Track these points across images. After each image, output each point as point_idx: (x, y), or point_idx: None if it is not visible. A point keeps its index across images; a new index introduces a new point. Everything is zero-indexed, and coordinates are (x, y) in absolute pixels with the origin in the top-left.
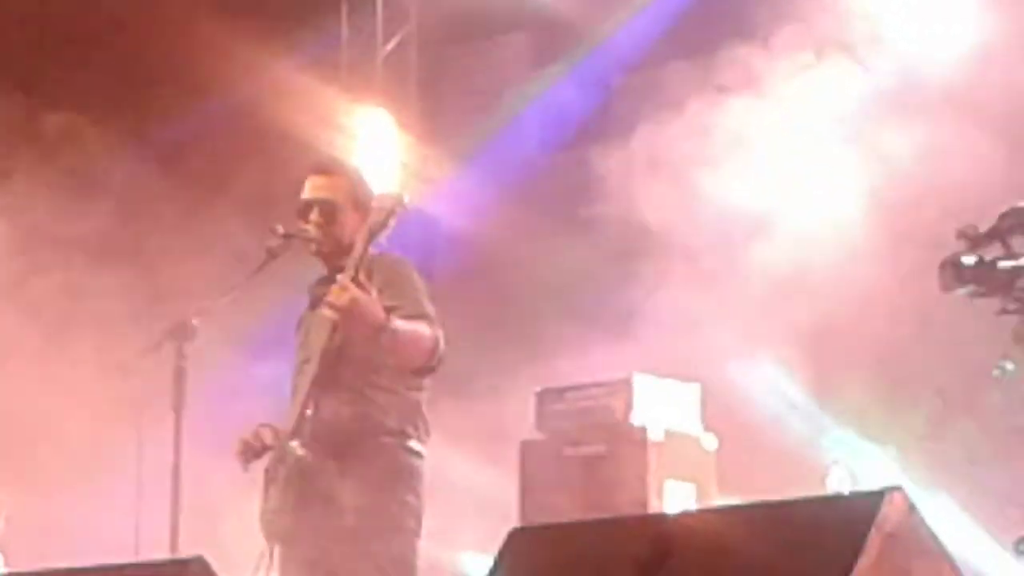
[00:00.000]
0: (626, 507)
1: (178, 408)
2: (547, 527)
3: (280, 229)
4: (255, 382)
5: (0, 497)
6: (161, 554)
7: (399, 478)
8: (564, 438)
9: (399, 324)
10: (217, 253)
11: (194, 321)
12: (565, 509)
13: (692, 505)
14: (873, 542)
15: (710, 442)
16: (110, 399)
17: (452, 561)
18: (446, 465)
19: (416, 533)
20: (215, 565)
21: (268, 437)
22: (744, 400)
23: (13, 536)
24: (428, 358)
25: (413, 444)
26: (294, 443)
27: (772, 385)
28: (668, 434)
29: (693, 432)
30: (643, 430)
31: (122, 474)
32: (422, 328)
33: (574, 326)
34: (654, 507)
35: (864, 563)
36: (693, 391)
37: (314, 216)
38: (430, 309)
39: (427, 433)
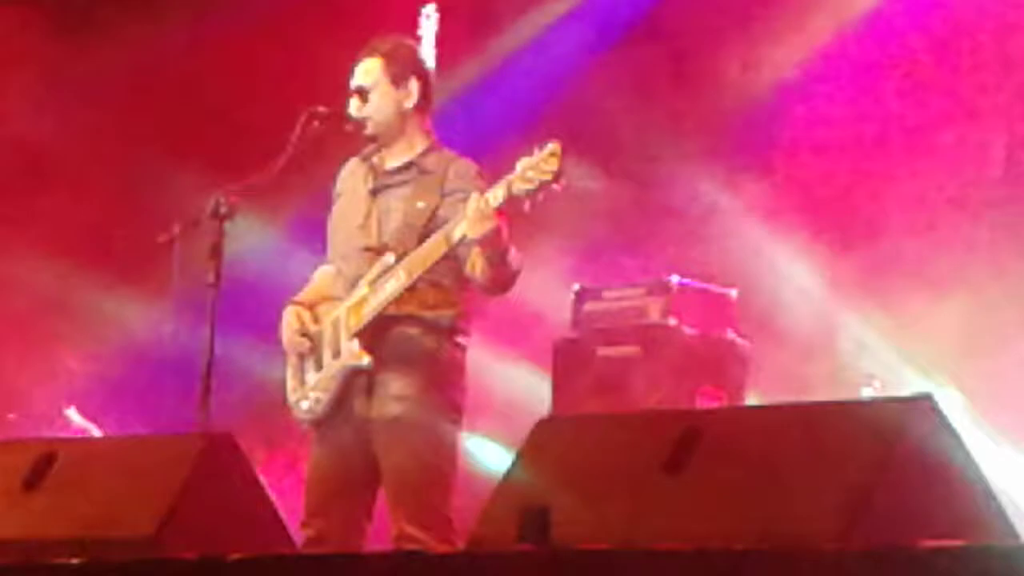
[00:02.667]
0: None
1: (215, 284)
2: (574, 418)
3: (322, 110)
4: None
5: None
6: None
7: (446, 372)
8: (599, 338)
9: (510, 254)
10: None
11: (234, 199)
12: (596, 409)
13: None
14: (900, 449)
15: (745, 348)
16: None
17: (483, 454)
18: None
19: (458, 426)
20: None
21: (311, 323)
22: (782, 307)
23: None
24: (510, 286)
25: (460, 339)
26: (355, 343)
27: (811, 294)
28: (703, 338)
29: (728, 337)
30: (678, 333)
31: (155, 350)
32: (517, 259)
33: (614, 226)
34: None
35: (890, 468)
36: (730, 296)
37: (353, 102)
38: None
39: (469, 329)
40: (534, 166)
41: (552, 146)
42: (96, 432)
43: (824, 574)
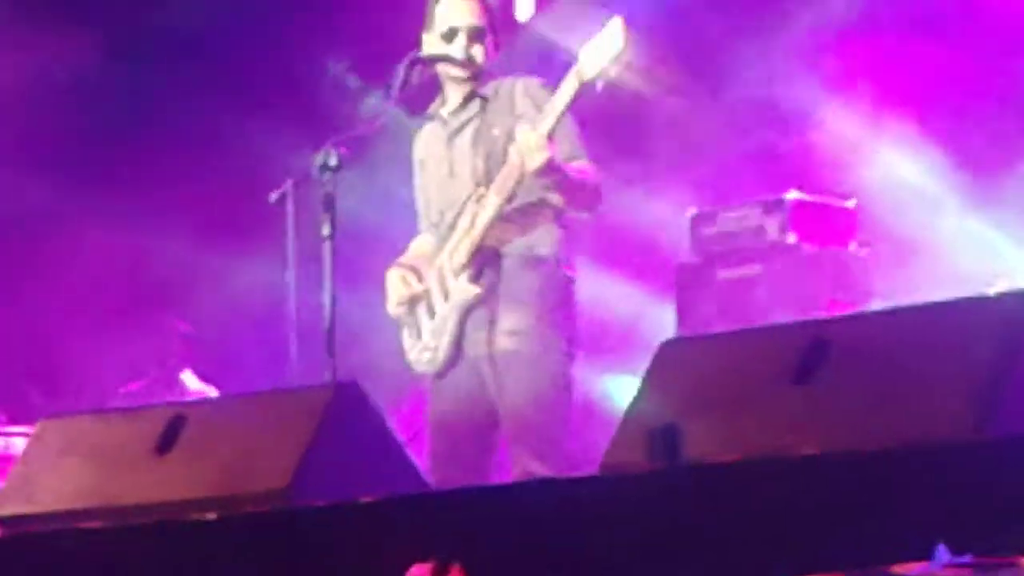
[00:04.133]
0: None
1: (331, 236)
2: (699, 337)
3: (422, 53)
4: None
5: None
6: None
7: (556, 305)
8: (719, 260)
9: (574, 173)
10: None
11: (340, 151)
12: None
13: None
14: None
15: (867, 259)
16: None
17: (607, 384)
18: (604, 291)
19: (571, 357)
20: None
21: (414, 284)
22: (905, 216)
23: None
24: (594, 202)
25: (565, 269)
26: (463, 279)
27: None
28: (824, 252)
29: (850, 249)
30: (799, 249)
31: (274, 305)
32: (590, 173)
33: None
34: None
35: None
36: (848, 207)
37: (460, 40)
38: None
39: (573, 258)
40: (598, 47)
41: (613, 22)
42: (214, 394)
43: (960, 466)
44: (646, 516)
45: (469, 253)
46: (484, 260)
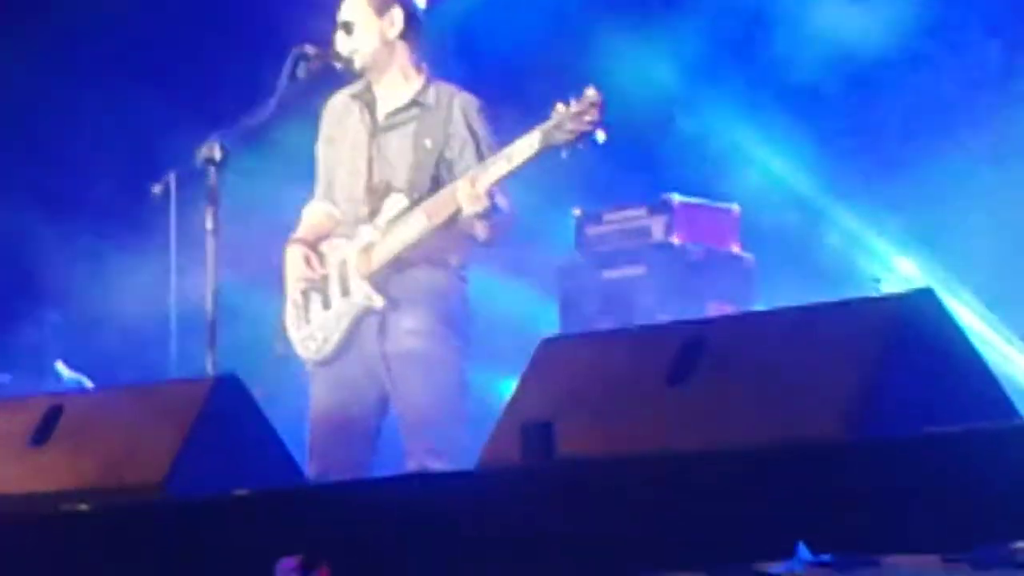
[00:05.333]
0: None
1: (214, 230)
2: (578, 336)
3: (310, 49)
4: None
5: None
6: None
7: (455, 307)
8: (603, 261)
9: (506, 218)
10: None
11: (224, 144)
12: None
13: None
14: (902, 342)
15: (750, 262)
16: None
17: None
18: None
19: (465, 355)
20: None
21: (316, 263)
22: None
23: None
24: (506, 239)
25: (465, 274)
26: (367, 285)
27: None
28: (708, 254)
29: (733, 251)
30: (683, 251)
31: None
32: (507, 205)
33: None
34: None
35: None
36: (732, 211)
37: (341, 35)
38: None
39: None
40: (574, 116)
41: (592, 94)
42: (88, 384)
43: (828, 467)
44: (519, 512)
45: (381, 263)
46: (391, 267)
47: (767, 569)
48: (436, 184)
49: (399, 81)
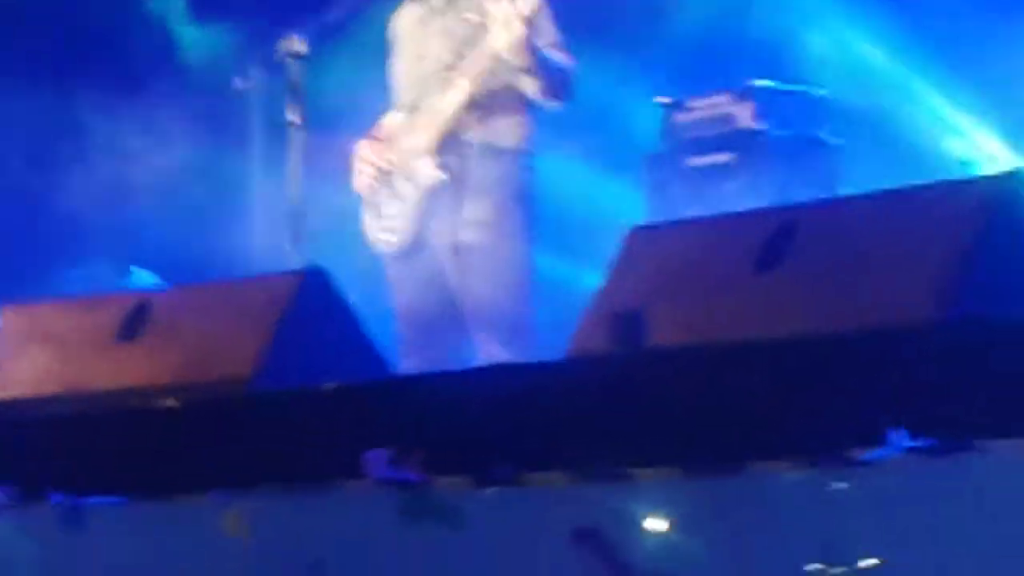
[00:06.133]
0: None
1: (301, 125)
2: (668, 224)
3: None
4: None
5: None
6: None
7: (518, 196)
8: (689, 148)
9: (550, 61)
10: None
11: (307, 37)
12: None
13: None
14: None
15: (838, 146)
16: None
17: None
18: (573, 180)
19: (530, 246)
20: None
21: (383, 156)
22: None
23: None
24: (566, 92)
25: (526, 161)
26: (428, 162)
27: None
28: (795, 140)
29: (820, 136)
30: (770, 136)
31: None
32: (564, 60)
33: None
34: None
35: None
36: (819, 95)
37: None
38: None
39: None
40: None
41: None
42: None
43: (920, 348)
44: (611, 401)
45: (435, 137)
46: (449, 147)
47: (863, 455)
48: None
49: None
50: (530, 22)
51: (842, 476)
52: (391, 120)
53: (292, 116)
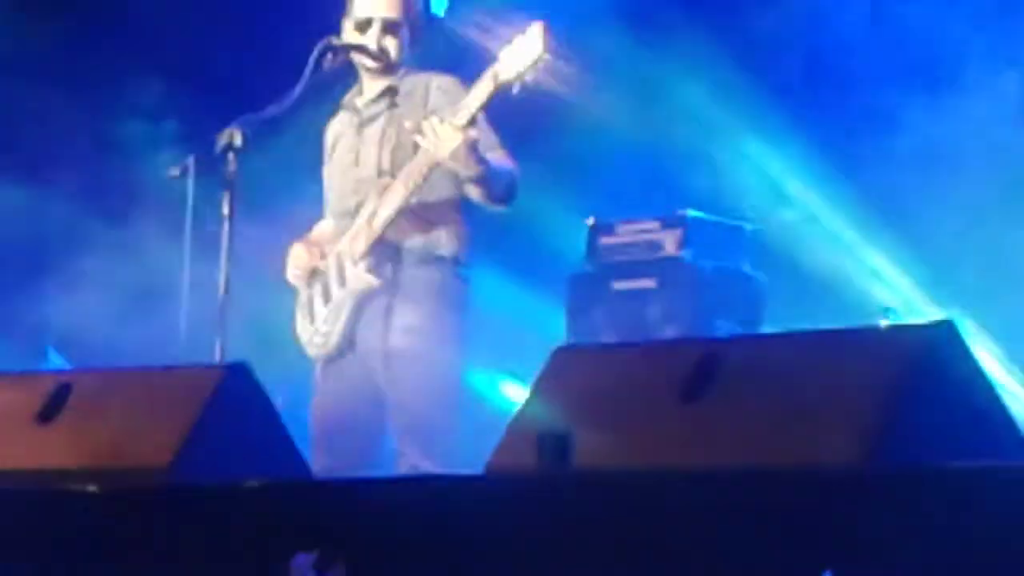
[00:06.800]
0: None
1: (229, 217)
2: (591, 347)
3: (336, 40)
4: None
5: None
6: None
7: (450, 304)
8: (614, 272)
9: (493, 165)
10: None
11: (246, 132)
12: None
13: None
14: (920, 373)
15: (761, 281)
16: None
17: (497, 388)
18: (496, 295)
19: (462, 356)
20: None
21: (317, 257)
22: (797, 241)
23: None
24: (512, 194)
25: (462, 271)
26: (361, 267)
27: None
28: (719, 271)
29: (744, 269)
30: (694, 266)
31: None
32: (507, 163)
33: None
34: None
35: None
36: (745, 228)
37: (374, 31)
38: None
39: (472, 260)
40: (517, 51)
41: (534, 27)
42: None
43: (845, 494)
44: (530, 519)
45: (370, 242)
46: (384, 253)
47: None
48: None
49: (380, 74)
50: (468, 131)
51: None
52: (324, 225)
53: (225, 207)
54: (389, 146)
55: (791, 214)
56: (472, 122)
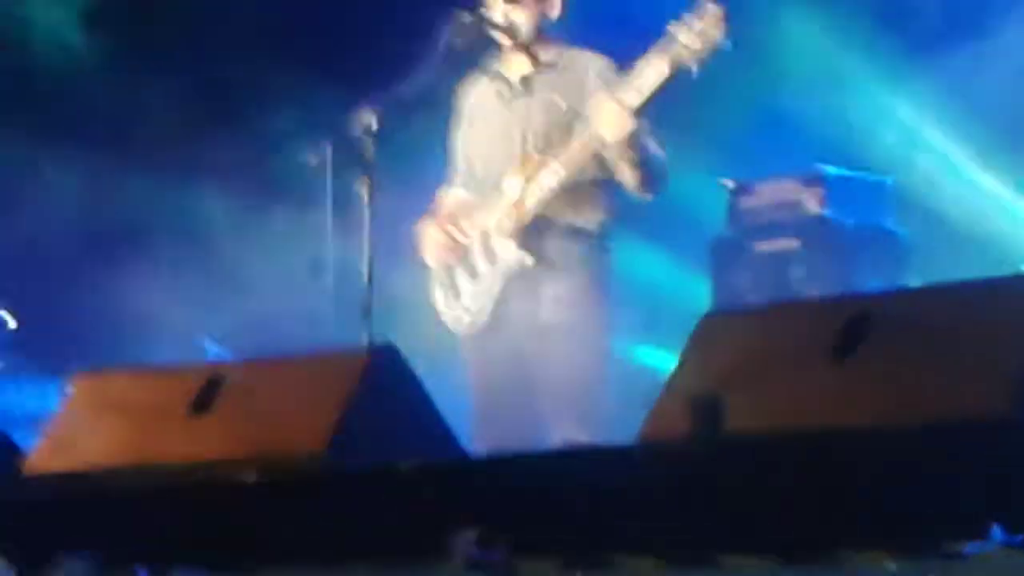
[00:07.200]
0: None
1: (369, 202)
2: (740, 311)
3: (467, 17)
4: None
5: None
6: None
7: (597, 276)
8: (756, 233)
9: (653, 151)
10: None
11: (380, 113)
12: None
13: None
14: None
15: (903, 236)
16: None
17: (642, 359)
18: (639, 264)
19: (610, 327)
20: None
21: (458, 233)
22: (939, 194)
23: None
24: (662, 184)
25: (609, 243)
26: (512, 244)
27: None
28: (862, 228)
29: (886, 225)
30: (836, 224)
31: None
32: (659, 151)
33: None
34: None
35: None
36: (885, 183)
37: (498, 5)
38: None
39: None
40: (696, 34)
41: (712, 8)
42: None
43: (1004, 445)
44: (697, 487)
45: (524, 220)
46: (532, 228)
47: (960, 549)
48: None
49: (538, 51)
50: (638, 115)
51: (940, 569)
52: (456, 195)
53: (362, 191)
54: (544, 123)
55: (927, 161)
56: (644, 105)
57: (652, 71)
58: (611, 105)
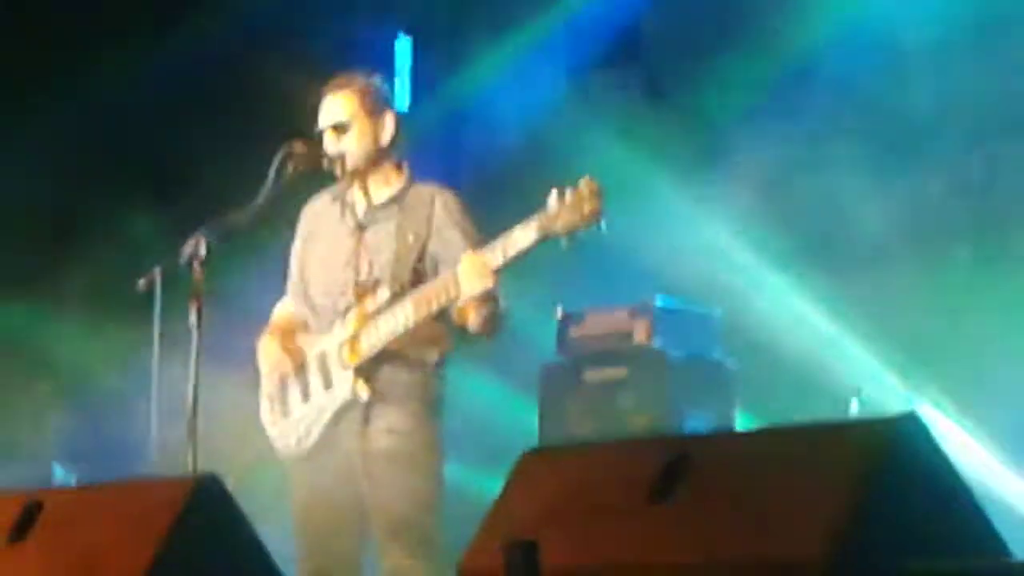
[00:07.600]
0: (647, 433)
1: (197, 327)
2: (559, 449)
3: (299, 147)
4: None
5: None
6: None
7: (431, 404)
8: (585, 361)
9: (503, 307)
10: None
11: (210, 240)
12: (585, 434)
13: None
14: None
15: (731, 367)
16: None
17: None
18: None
19: (442, 455)
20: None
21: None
22: (766, 326)
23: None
24: (503, 327)
25: (444, 373)
26: (351, 375)
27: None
28: (690, 358)
29: (714, 357)
30: (664, 354)
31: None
32: (506, 304)
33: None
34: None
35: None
36: (714, 315)
37: (329, 138)
38: None
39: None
40: (571, 207)
41: (588, 184)
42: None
43: None
44: None
45: (367, 354)
46: (374, 360)
47: None
48: (417, 278)
49: (381, 182)
50: (498, 275)
51: None
52: (289, 309)
53: (192, 317)
54: (390, 256)
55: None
56: (506, 266)
57: (522, 237)
58: (478, 261)
